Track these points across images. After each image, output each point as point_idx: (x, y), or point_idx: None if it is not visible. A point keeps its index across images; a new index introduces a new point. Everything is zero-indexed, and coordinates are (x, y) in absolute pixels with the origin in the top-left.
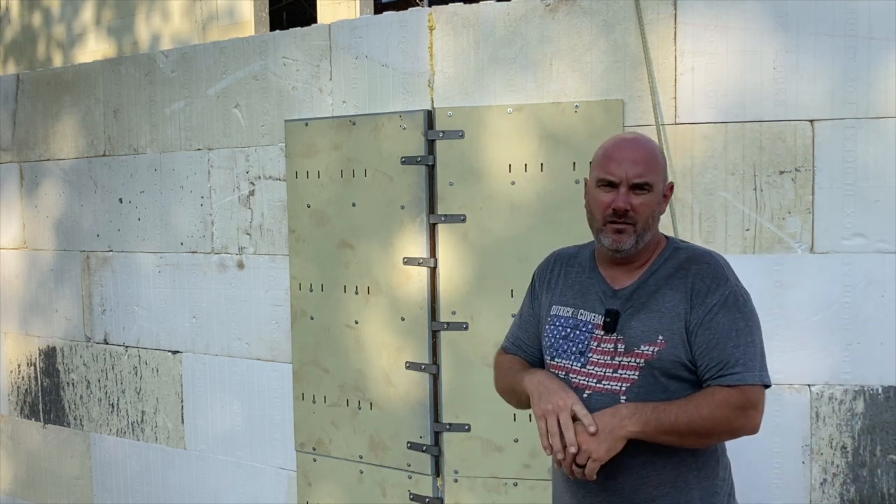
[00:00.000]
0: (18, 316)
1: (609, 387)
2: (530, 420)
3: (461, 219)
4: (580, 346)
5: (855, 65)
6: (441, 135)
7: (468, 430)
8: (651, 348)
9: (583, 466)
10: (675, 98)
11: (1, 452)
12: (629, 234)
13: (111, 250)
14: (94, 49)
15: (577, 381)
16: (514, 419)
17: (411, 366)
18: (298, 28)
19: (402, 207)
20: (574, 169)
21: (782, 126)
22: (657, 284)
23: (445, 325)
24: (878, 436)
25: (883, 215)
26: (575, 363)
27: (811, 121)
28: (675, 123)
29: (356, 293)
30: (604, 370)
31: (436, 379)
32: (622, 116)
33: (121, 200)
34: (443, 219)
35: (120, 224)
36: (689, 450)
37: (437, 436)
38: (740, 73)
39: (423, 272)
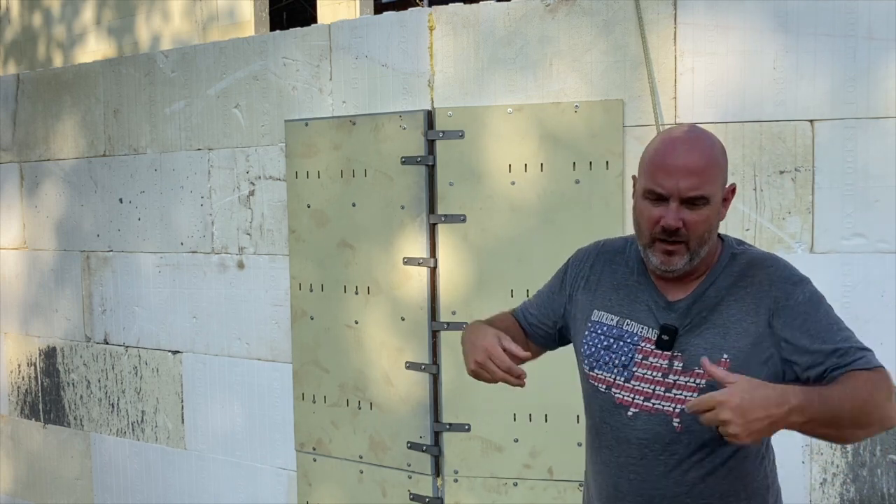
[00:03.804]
0: (19, 316)
1: (660, 406)
2: (531, 420)
3: (461, 219)
4: (623, 358)
5: (855, 65)
6: (441, 135)
7: (468, 430)
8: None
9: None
10: (675, 98)
11: (1, 452)
12: (681, 253)
13: (111, 250)
14: (94, 49)
15: (620, 396)
16: (514, 419)
17: (411, 366)
18: (298, 28)
19: (402, 207)
20: (574, 169)
21: (782, 126)
22: (718, 296)
23: (445, 325)
24: (877, 435)
25: (883, 215)
26: (618, 377)
27: (811, 121)
28: (675, 123)
29: (356, 293)
30: (653, 387)
31: (436, 379)
32: (622, 116)
33: (121, 200)
34: (443, 219)
35: (120, 224)
36: (739, 476)
37: (437, 436)
38: (740, 73)
39: (423, 272)
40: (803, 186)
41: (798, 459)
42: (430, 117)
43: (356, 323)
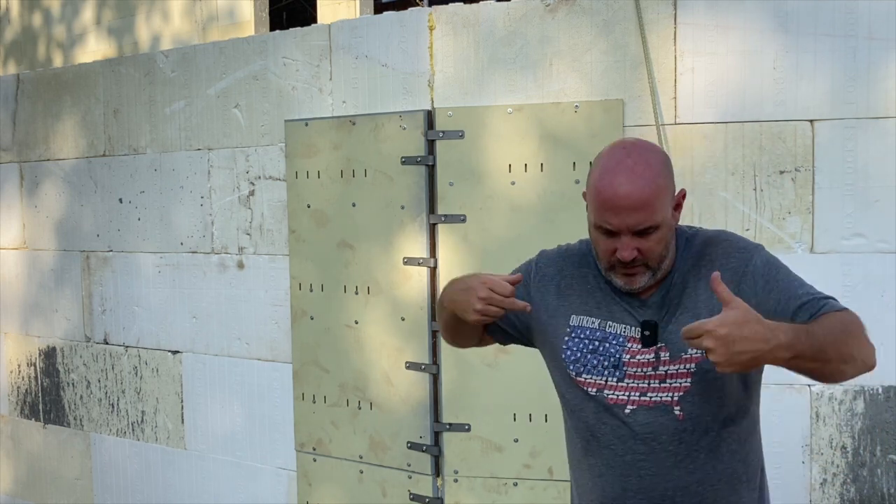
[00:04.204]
0: (19, 316)
1: (658, 398)
2: (531, 420)
3: (461, 219)
4: (612, 359)
5: (855, 65)
6: (441, 135)
7: (468, 430)
8: (700, 350)
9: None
10: (675, 98)
11: (1, 452)
12: (641, 273)
13: (111, 250)
14: (94, 49)
15: (614, 397)
16: (514, 419)
17: (411, 366)
18: (298, 28)
19: (402, 207)
20: (574, 169)
21: (782, 126)
22: (683, 281)
23: None
24: (878, 436)
25: (883, 215)
26: (610, 378)
27: (811, 121)
28: (675, 123)
29: (356, 293)
30: (647, 381)
31: (436, 379)
32: (622, 116)
33: (121, 200)
34: (443, 219)
35: (120, 224)
36: (741, 459)
37: (437, 436)
38: (740, 73)
39: (423, 272)
40: (803, 186)
41: (798, 459)
42: (430, 117)
43: (356, 323)
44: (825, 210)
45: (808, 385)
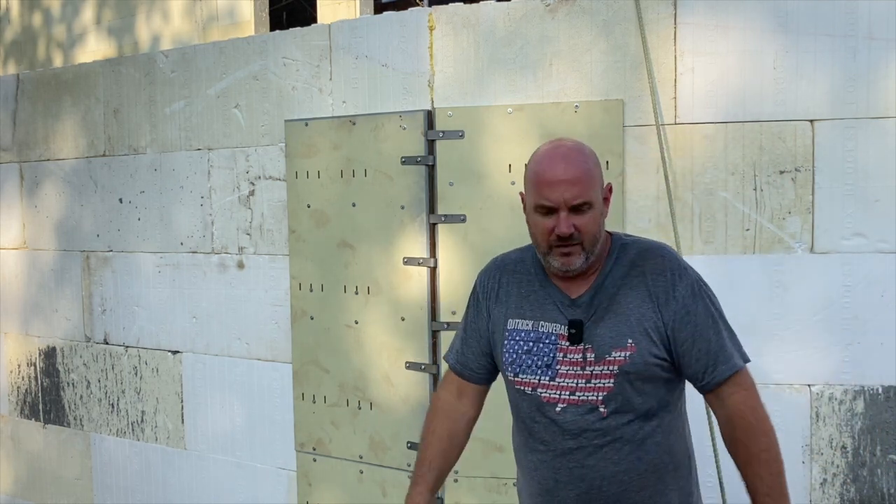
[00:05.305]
0: (19, 316)
1: (585, 398)
2: None
3: (461, 219)
4: (546, 359)
5: (855, 65)
6: (441, 135)
7: None
8: (623, 353)
9: None
10: (675, 98)
11: (1, 452)
12: (577, 254)
13: (111, 250)
14: (94, 49)
15: (547, 395)
16: None
17: (411, 366)
18: (298, 28)
19: (402, 207)
20: None
21: (782, 126)
22: (615, 286)
23: (445, 325)
24: (878, 436)
25: (883, 215)
26: (543, 377)
27: (811, 121)
28: (675, 123)
29: (356, 293)
30: (575, 381)
31: (436, 379)
32: (622, 116)
33: (121, 200)
34: (443, 219)
35: (120, 224)
36: (667, 450)
37: None
38: (740, 73)
39: (423, 272)
40: (803, 186)
41: (798, 459)
42: (430, 117)
43: (356, 323)
44: (825, 210)
45: (808, 385)
